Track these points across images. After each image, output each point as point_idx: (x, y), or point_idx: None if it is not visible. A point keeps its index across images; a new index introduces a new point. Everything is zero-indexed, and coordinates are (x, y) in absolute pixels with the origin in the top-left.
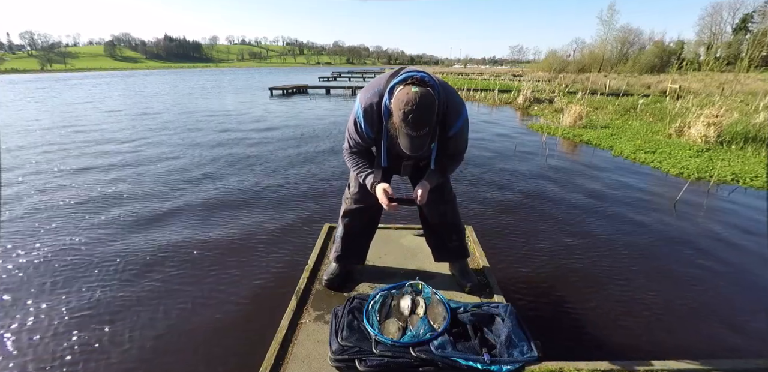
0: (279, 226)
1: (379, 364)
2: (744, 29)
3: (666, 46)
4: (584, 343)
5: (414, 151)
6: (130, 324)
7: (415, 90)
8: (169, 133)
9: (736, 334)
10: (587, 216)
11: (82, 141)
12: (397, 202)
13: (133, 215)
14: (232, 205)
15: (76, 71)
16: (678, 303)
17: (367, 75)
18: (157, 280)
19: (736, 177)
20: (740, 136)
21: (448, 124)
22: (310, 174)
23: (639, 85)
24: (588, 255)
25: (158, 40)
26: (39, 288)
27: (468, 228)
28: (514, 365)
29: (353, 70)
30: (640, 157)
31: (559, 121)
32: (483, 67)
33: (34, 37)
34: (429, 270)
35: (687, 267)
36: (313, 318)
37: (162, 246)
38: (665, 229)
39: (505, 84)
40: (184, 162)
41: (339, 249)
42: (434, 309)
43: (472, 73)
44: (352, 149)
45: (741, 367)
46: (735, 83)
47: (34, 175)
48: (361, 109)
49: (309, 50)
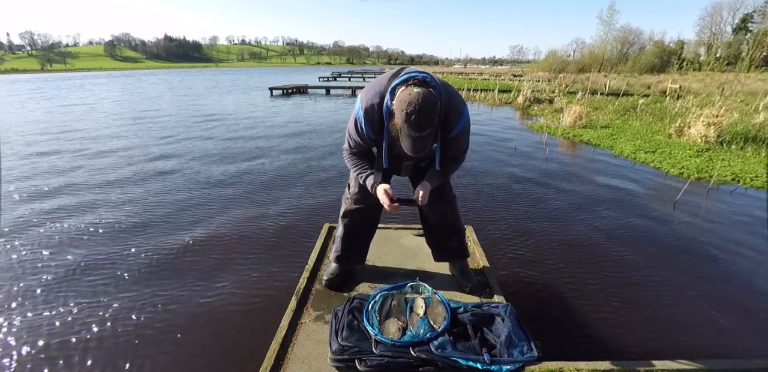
0: (279, 226)
1: (379, 364)
2: (744, 29)
3: (666, 46)
4: (584, 343)
5: (416, 152)
6: (130, 324)
7: (417, 91)
8: (169, 132)
9: (736, 334)
10: (587, 216)
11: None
12: (398, 202)
13: (134, 215)
14: (232, 206)
15: (76, 71)
16: (679, 303)
17: (367, 75)
18: (157, 279)
19: (736, 177)
20: (740, 136)
21: (450, 125)
22: (310, 174)
23: (639, 85)
24: (588, 255)
25: (158, 40)
26: (20, 300)
27: (468, 228)
28: (514, 365)
29: (353, 70)
30: (640, 157)
31: (559, 121)
32: (483, 67)
33: (34, 37)
34: (429, 270)
35: (687, 267)
36: (313, 318)
37: (162, 246)
38: (665, 229)
39: (505, 84)
40: (182, 162)
41: (339, 249)
42: (434, 309)
43: (472, 73)
44: (352, 150)
45: (741, 367)
46: (735, 83)
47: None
48: (362, 109)
49: (309, 50)
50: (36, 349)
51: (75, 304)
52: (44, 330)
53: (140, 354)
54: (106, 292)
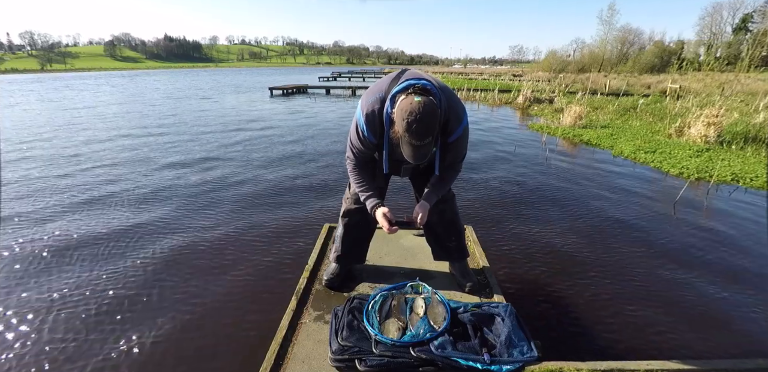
0: (279, 226)
1: (379, 364)
2: (744, 29)
3: (666, 46)
4: (584, 343)
5: (417, 159)
6: (129, 325)
7: (418, 100)
8: (168, 133)
9: (736, 334)
10: (587, 216)
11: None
12: (397, 225)
13: (132, 217)
14: (231, 206)
15: (76, 71)
16: (678, 303)
17: (367, 75)
18: (157, 280)
19: (736, 177)
20: (740, 136)
21: (449, 130)
22: (310, 174)
23: (639, 85)
24: (588, 255)
25: (158, 40)
26: (15, 279)
27: (468, 228)
28: (514, 365)
29: (353, 70)
30: (640, 157)
31: (559, 121)
32: (483, 67)
33: (34, 37)
34: (429, 270)
35: (687, 267)
36: (313, 318)
37: (162, 246)
38: (665, 229)
39: (505, 84)
40: (180, 163)
41: (339, 249)
42: (434, 309)
43: (472, 73)
44: (355, 157)
45: (741, 367)
46: (735, 83)
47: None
48: (363, 115)
49: (309, 50)
50: (34, 347)
51: (75, 304)
52: (44, 332)
53: (140, 354)
54: (104, 295)
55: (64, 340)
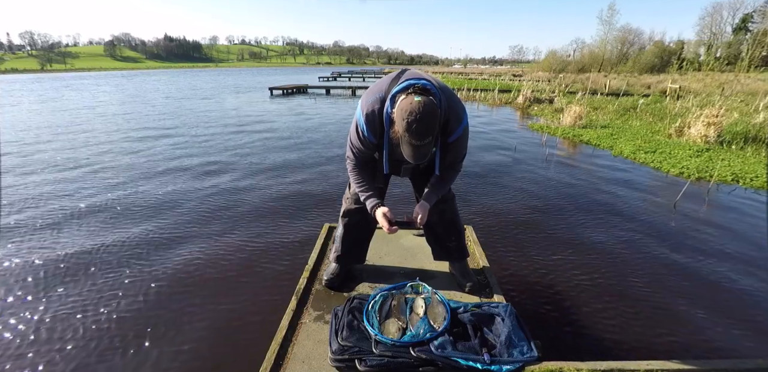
0: (279, 226)
1: (379, 364)
2: (744, 29)
3: (666, 46)
4: (584, 343)
5: (418, 159)
6: (129, 325)
7: (418, 100)
8: (168, 134)
9: (736, 334)
10: (587, 216)
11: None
12: (397, 225)
13: (132, 216)
14: (231, 206)
15: (76, 71)
16: (678, 303)
17: (367, 75)
18: (157, 280)
19: (736, 177)
20: (740, 136)
21: (450, 130)
22: (310, 174)
23: (639, 85)
24: (588, 255)
25: (158, 40)
26: (26, 290)
27: (468, 228)
28: (514, 365)
29: (353, 70)
30: (640, 157)
31: (559, 121)
32: (483, 67)
33: (34, 37)
34: (429, 270)
35: (687, 267)
36: (313, 318)
37: (162, 247)
38: (665, 229)
39: (505, 84)
40: (179, 162)
41: (339, 249)
42: (434, 309)
43: (472, 73)
44: (355, 157)
45: (741, 367)
46: (735, 83)
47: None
48: (363, 115)
49: (309, 50)
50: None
51: (75, 304)
52: (42, 332)
53: (140, 354)
54: (104, 296)
55: (61, 340)
